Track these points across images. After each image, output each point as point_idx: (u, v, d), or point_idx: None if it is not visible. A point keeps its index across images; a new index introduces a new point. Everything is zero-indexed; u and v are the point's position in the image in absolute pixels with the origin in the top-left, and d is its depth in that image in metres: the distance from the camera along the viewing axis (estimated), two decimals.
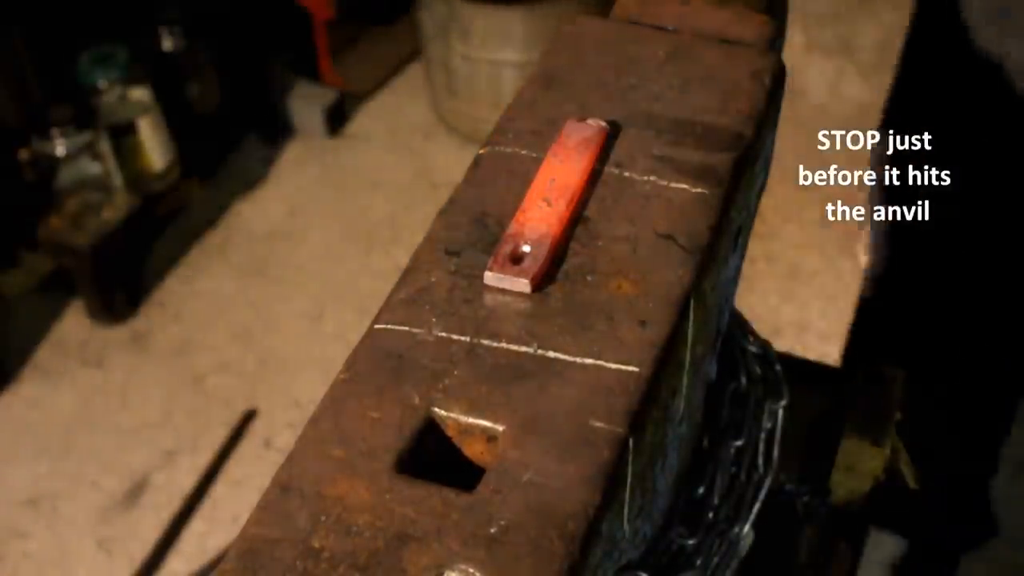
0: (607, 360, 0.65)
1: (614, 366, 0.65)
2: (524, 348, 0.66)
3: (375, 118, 2.92)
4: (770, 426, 0.97)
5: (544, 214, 0.71)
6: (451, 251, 0.71)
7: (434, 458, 0.62)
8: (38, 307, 2.46)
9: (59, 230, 2.32)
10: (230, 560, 0.58)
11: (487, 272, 0.69)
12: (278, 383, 2.35)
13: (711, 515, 0.91)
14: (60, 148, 2.26)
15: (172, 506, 2.13)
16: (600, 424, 0.62)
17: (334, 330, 2.44)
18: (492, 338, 0.66)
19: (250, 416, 2.28)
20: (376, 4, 2.95)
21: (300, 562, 0.57)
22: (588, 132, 0.75)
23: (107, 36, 2.41)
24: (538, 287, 0.68)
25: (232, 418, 2.27)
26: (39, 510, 2.15)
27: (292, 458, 0.62)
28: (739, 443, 0.95)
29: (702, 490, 0.92)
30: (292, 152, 2.82)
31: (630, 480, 0.64)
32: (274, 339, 2.43)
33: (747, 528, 0.92)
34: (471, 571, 0.56)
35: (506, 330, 0.66)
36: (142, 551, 2.07)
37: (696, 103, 0.79)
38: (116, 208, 2.36)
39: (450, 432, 0.64)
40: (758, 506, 0.93)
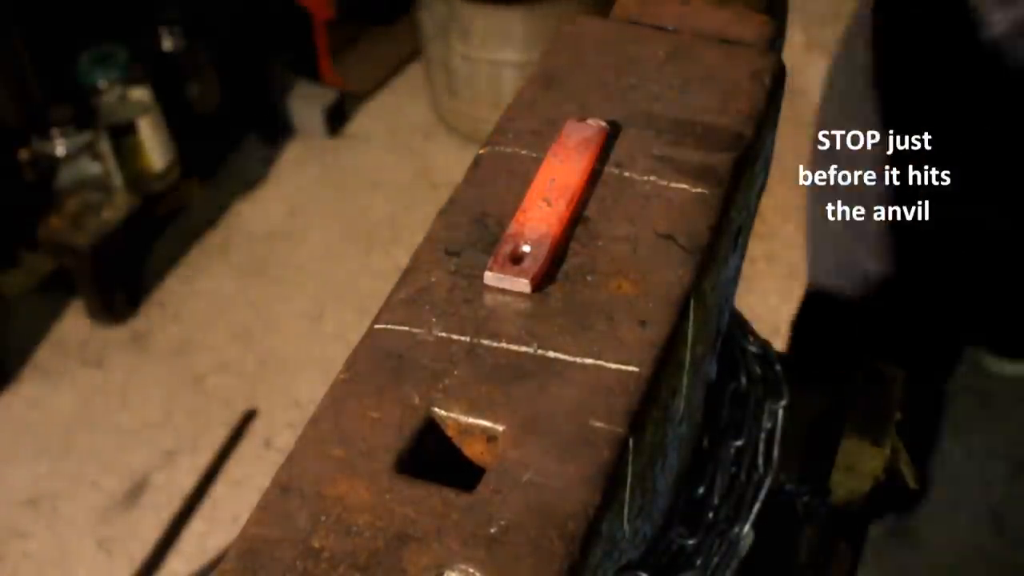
0: (607, 360, 0.65)
1: (614, 366, 0.65)
2: (524, 348, 0.66)
3: (375, 118, 2.92)
4: (770, 426, 0.97)
5: (544, 214, 0.71)
6: (451, 251, 0.71)
7: (434, 458, 0.62)
8: (38, 307, 2.46)
9: (59, 230, 2.32)
10: (230, 560, 0.58)
11: (487, 272, 0.69)
12: (278, 383, 2.35)
13: (711, 515, 0.91)
14: (60, 148, 2.26)
15: (172, 506, 2.13)
16: (600, 424, 0.62)
17: (334, 330, 2.44)
18: (492, 338, 0.66)
19: (250, 416, 2.28)
20: (376, 4, 2.95)
21: (300, 562, 0.57)
22: (588, 132, 0.75)
23: (107, 36, 2.41)
24: (538, 287, 0.68)
25: (232, 418, 2.27)
26: (39, 510, 2.15)
27: (292, 458, 0.62)
28: (739, 443, 0.95)
29: (702, 490, 0.92)
30: (292, 152, 2.82)
31: (630, 480, 0.64)
32: (274, 339, 2.43)
33: (747, 528, 0.92)
34: (471, 571, 0.56)
35: (506, 330, 0.66)
36: (142, 551, 2.07)
37: (696, 103, 0.79)
38: (116, 208, 2.36)
39: (450, 432, 0.64)
40: (758, 506, 0.93)
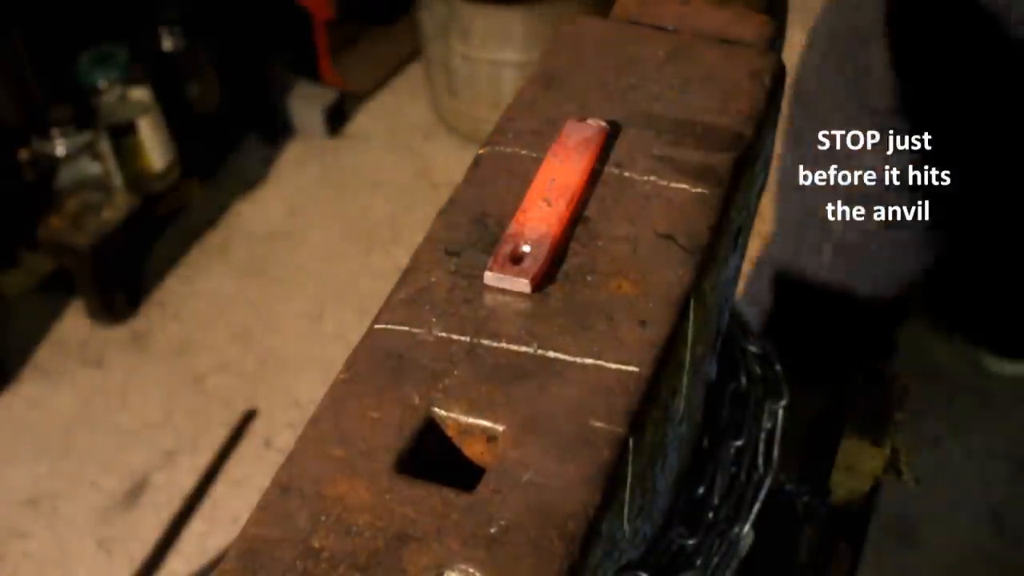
0: (607, 360, 0.65)
1: (614, 366, 0.65)
2: (524, 348, 0.66)
3: (375, 118, 2.92)
4: (770, 426, 0.97)
5: (544, 214, 0.71)
6: (451, 251, 0.71)
7: (434, 458, 0.62)
8: (38, 307, 2.45)
9: (59, 230, 2.32)
10: (230, 560, 0.58)
11: (487, 272, 0.69)
12: (278, 383, 2.34)
13: (711, 515, 0.91)
14: (60, 148, 2.26)
15: (172, 506, 2.13)
16: (600, 424, 0.62)
17: (334, 330, 2.44)
18: (492, 338, 0.66)
19: (250, 416, 2.28)
20: (376, 4, 2.95)
21: (300, 562, 0.57)
22: (588, 132, 0.75)
23: (107, 36, 2.41)
24: (538, 287, 0.68)
25: (232, 418, 2.27)
26: (39, 510, 2.14)
27: (292, 458, 0.62)
28: (739, 443, 0.95)
29: (702, 490, 0.92)
30: (292, 152, 2.82)
31: (630, 480, 0.64)
32: (274, 339, 2.43)
33: (747, 528, 0.92)
34: (471, 571, 0.56)
35: (506, 330, 0.66)
36: (142, 551, 2.07)
37: (696, 103, 0.79)
38: (116, 208, 2.36)
39: (450, 432, 0.64)
40: (758, 506, 0.93)
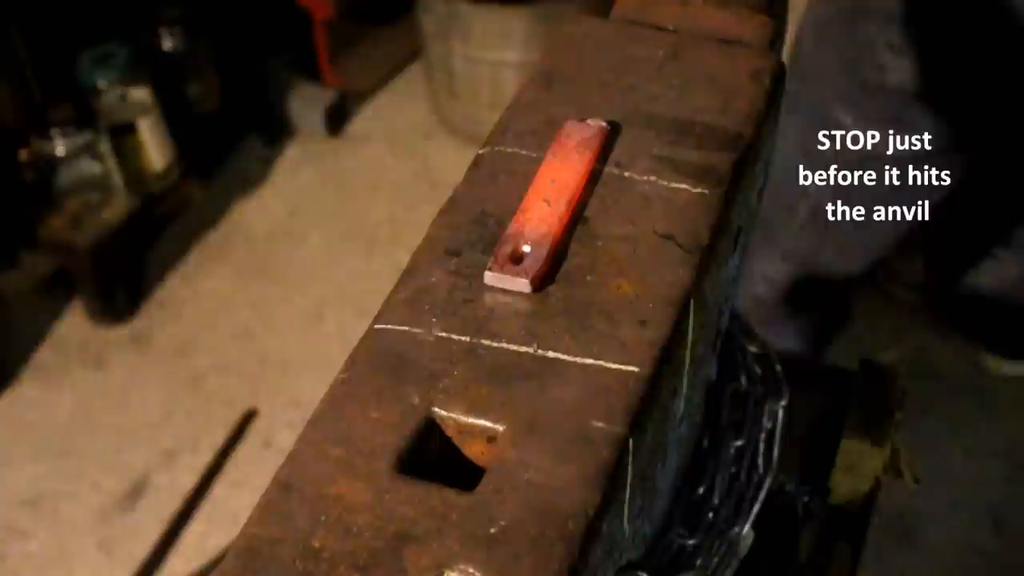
0: (607, 360, 0.65)
1: (614, 366, 0.65)
2: (524, 348, 0.66)
3: (375, 118, 2.92)
4: (770, 426, 0.97)
5: (544, 214, 0.71)
6: (451, 251, 0.71)
7: (434, 458, 0.62)
8: (38, 307, 2.46)
9: (59, 230, 2.32)
10: (230, 560, 0.58)
11: (487, 272, 0.69)
12: (278, 383, 2.35)
13: (711, 515, 0.91)
14: (60, 148, 2.26)
15: (172, 506, 2.13)
16: (600, 424, 0.62)
17: (334, 330, 2.44)
18: (492, 338, 0.66)
19: (250, 416, 2.28)
20: (376, 4, 2.96)
21: (300, 562, 0.57)
22: (588, 132, 0.75)
23: (107, 36, 2.41)
24: (538, 287, 0.68)
25: (232, 418, 2.27)
26: (39, 510, 2.15)
27: (292, 458, 0.62)
28: (739, 443, 0.95)
29: (702, 490, 0.92)
30: (292, 152, 2.82)
31: (630, 480, 0.64)
32: (274, 339, 2.43)
33: (747, 528, 0.92)
34: (471, 571, 0.56)
35: (506, 330, 0.66)
36: (142, 551, 2.07)
37: (696, 103, 0.79)
38: (116, 208, 2.36)
39: (450, 432, 0.63)
40: (758, 506, 0.93)
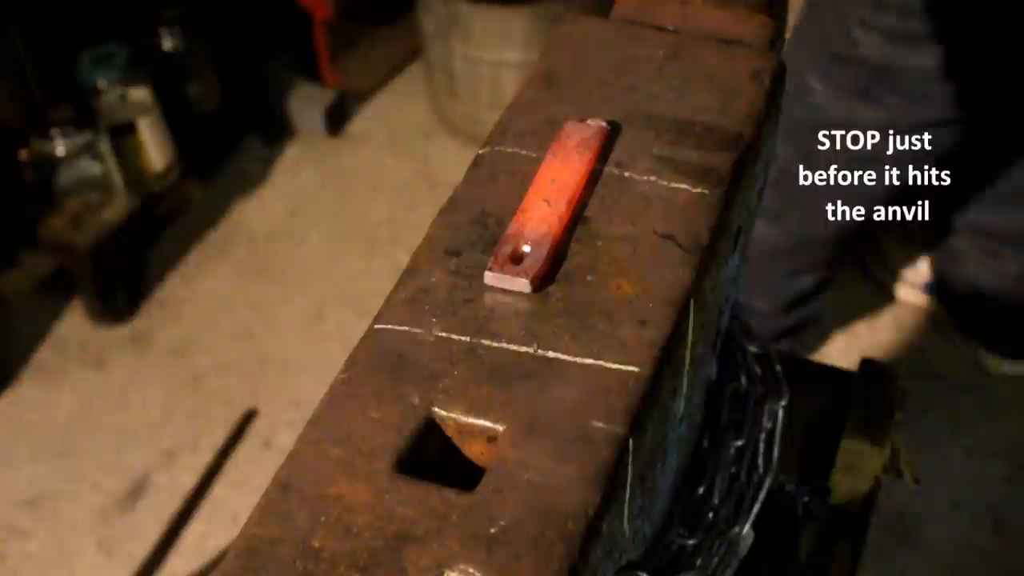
0: (607, 360, 0.65)
1: (614, 366, 0.65)
2: (524, 348, 0.66)
3: (375, 118, 2.92)
4: (770, 426, 0.97)
5: (544, 214, 0.71)
6: (451, 251, 0.71)
7: (434, 458, 0.62)
8: (38, 307, 2.46)
9: (59, 230, 2.32)
10: (230, 560, 0.58)
11: (487, 272, 0.69)
12: (278, 383, 2.35)
13: (711, 515, 0.91)
14: (60, 148, 2.26)
15: (172, 506, 2.13)
16: (600, 424, 0.62)
17: (334, 330, 2.44)
18: (492, 338, 0.66)
19: (250, 416, 2.28)
20: (376, 4, 2.96)
21: (300, 562, 0.57)
22: (588, 132, 0.75)
23: (107, 36, 2.41)
24: (538, 287, 0.68)
25: (232, 418, 2.27)
26: (39, 510, 2.15)
27: (292, 458, 0.62)
28: (739, 443, 0.95)
29: (702, 490, 0.92)
30: (292, 152, 2.83)
31: (630, 480, 0.64)
32: (274, 339, 2.43)
33: (747, 528, 0.92)
34: (471, 571, 0.56)
35: (506, 330, 0.66)
36: (142, 551, 2.07)
37: (696, 103, 0.79)
38: (116, 208, 2.36)
39: (450, 432, 0.63)
40: (758, 506, 0.93)
